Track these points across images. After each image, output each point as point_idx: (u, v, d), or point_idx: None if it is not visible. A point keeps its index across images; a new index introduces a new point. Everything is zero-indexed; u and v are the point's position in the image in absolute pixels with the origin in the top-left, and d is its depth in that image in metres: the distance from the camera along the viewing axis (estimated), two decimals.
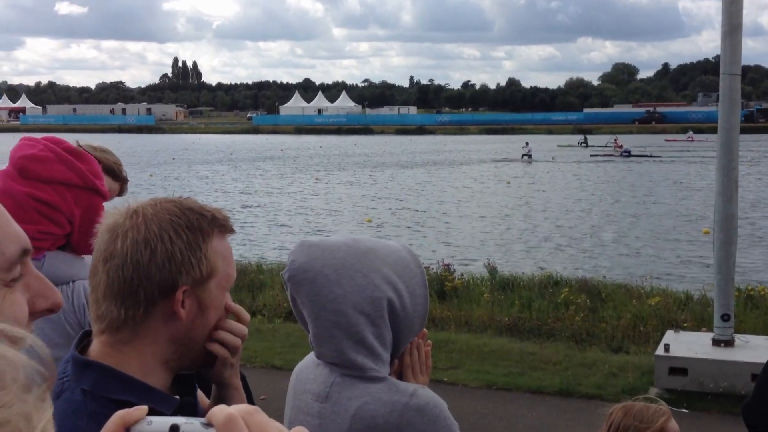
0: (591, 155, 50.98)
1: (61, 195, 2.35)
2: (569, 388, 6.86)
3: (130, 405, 1.23)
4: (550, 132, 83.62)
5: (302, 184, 35.16)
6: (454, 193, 30.91)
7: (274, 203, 27.76)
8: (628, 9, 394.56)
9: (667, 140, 67.25)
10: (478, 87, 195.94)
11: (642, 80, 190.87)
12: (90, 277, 1.40)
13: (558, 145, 60.09)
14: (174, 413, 1.32)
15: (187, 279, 1.35)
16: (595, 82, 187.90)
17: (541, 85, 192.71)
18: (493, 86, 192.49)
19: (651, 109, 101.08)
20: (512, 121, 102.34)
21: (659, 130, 77.24)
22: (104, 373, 1.34)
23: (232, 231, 1.44)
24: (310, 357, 1.90)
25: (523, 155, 46.34)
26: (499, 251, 17.41)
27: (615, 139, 53.14)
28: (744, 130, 7.21)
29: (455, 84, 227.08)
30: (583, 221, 22.81)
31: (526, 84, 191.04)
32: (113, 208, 1.43)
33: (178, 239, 1.35)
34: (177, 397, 1.40)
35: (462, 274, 11.48)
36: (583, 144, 58.56)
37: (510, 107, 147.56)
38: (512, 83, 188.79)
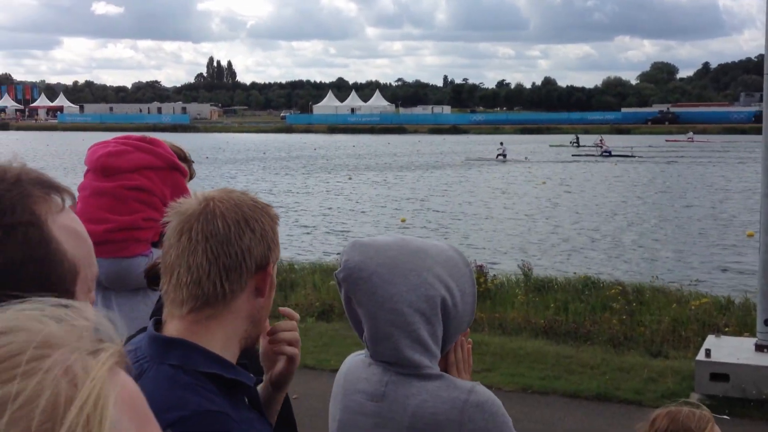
0: (573, 155, 51.74)
1: (149, 178, 2.41)
2: (607, 392, 6.72)
3: (219, 378, 1.43)
4: (586, 132, 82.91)
5: (334, 183, 35.22)
6: (482, 193, 30.73)
7: (303, 203, 27.83)
8: (666, 7, 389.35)
9: (667, 140, 68.11)
10: (513, 86, 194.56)
11: (682, 79, 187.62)
12: (184, 257, 1.45)
13: (550, 145, 60.05)
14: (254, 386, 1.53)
15: (273, 257, 1.52)
16: (634, 82, 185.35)
17: (578, 84, 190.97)
18: (528, 85, 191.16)
19: (664, 109, 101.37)
20: (548, 121, 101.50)
21: (700, 131, 76.86)
22: (190, 349, 1.43)
23: (277, 223, 1.59)
24: (358, 357, 1.91)
25: (498, 155, 47.57)
26: (532, 252, 17.24)
27: (600, 139, 54.09)
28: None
29: (490, 83, 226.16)
30: (617, 223, 22.55)
31: (563, 83, 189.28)
32: (179, 200, 1.54)
33: (265, 220, 1.51)
34: (252, 375, 1.52)
35: (495, 276, 11.35)
36: (575, 144, 58.74)
37: (545, 107, 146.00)
38: (548, 82, 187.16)
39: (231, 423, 1.40)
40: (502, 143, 49.07)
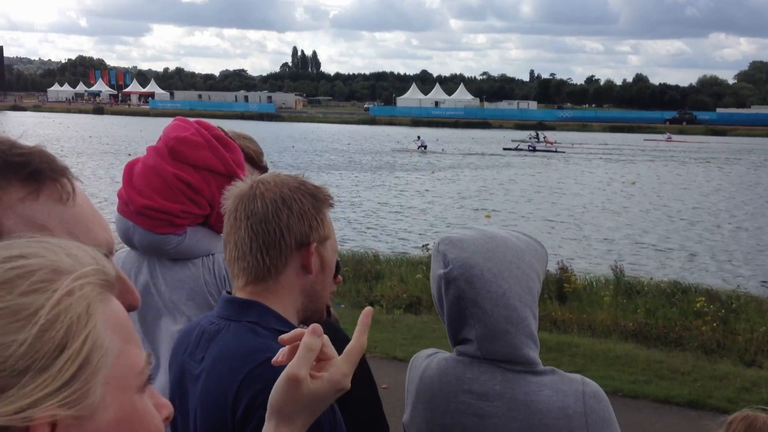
0: (504, 148, 53.78)
1: (206, 180, 2.42)
2: (699, 400, 6.62)
3: None
4: (681, 132, 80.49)
5: (418, 177, 35.27)
6: (560, 190, 30.26)
7: (384, 196, 27.93)
8: (764, 4, 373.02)
9: (645, 140, 69.82)
10: (602, 82, 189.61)
11: None
12: (232, 234, 1.60)
13: (512, 140, 60.04)
14: None
15: (315, 236, 1.60)
16: (731, 81, 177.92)
17: (671, 82, 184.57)
18: (618, 82, 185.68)
19: (682, 110, 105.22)
20: (639, 119, 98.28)
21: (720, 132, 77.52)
22: (263, 310, 1.58)
23: (332, 205, 1.67)
24: (445, 356, 1.85)
25: (418, 146, 50.84)
26: (616, 253, 16.93)
27: (545, 137, 58.26)
28: None
29: (578, 79, 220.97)
30: (704, 226, 21.89)
31: (655, 80, 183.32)
32: (237, 181, 1.67)
33: (305, 200, 1.60)
34: None
35: (578, 276, 11.20)
36: (534, 139, 59.50)
37: (637, 104, 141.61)
38: (639, 79, 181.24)
39: None
40: (419, 137, 52.89)
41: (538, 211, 24.28)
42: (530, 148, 53.37)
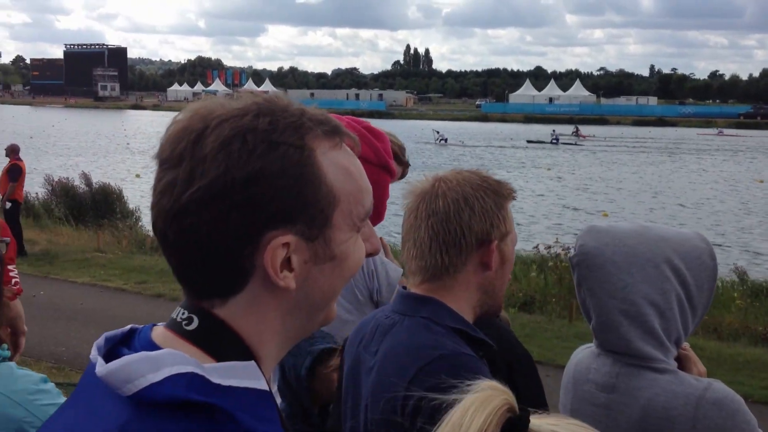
0: (528, 141, 55.90)
1: None
2: None
3: (462, 333, 1.57)
4: None
5: (533, 173, 34.78)
6: (681, 186, 29.09)
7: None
8: None
9: (698, 134, 70.11)
10: (727, 78, 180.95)
11: None
12: (411, 232, 1.61)
13: (552, 131, 60.47)
14: (488, 356, 1.59)
15: (496, 233, 1.58)
16: None
17: None
18: (744, 77, 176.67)
19: (757, 104, 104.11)
20: (767, 116, 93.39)
21: None
22: (438, 306, 1.59)
23: (514, 198, 1.65)
24: (588, 348, 1.87)
25: (438, 140, 52.98)
26: (744, 253, 16.12)
27: (577, 130, 61.94)
28: None
29: (701, 74, 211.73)
30: None
31: None
32: (416, 179, 1.68)
33: (488, 198, 1.58)
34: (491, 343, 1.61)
35: None
36: (574, 133, 60.89)
37: (764, 100, 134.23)
38: (766, 74, 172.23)
39: (482, 367, 1.52)
40: (438, 131, 55.08)
41: (657, 210, 23.45)
42: (553, 141, 54.70)
